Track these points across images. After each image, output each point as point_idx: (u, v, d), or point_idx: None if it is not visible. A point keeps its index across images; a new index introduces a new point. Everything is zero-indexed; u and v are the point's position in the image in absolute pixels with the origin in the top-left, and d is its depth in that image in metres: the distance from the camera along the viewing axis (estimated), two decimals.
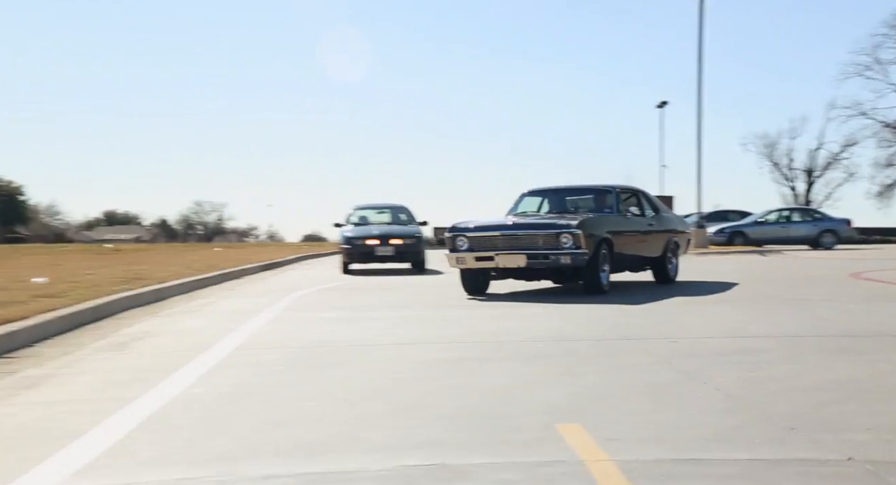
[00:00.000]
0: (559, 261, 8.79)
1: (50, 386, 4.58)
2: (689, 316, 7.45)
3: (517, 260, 8.90)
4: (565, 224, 8.90)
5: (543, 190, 10.91)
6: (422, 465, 2.96)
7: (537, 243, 8.90)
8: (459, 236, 9.24)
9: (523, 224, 9.31)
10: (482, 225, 9.41)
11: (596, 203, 10.44)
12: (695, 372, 4.63)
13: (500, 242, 9.06)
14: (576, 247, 8.73)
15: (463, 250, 9.17)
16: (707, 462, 2.94)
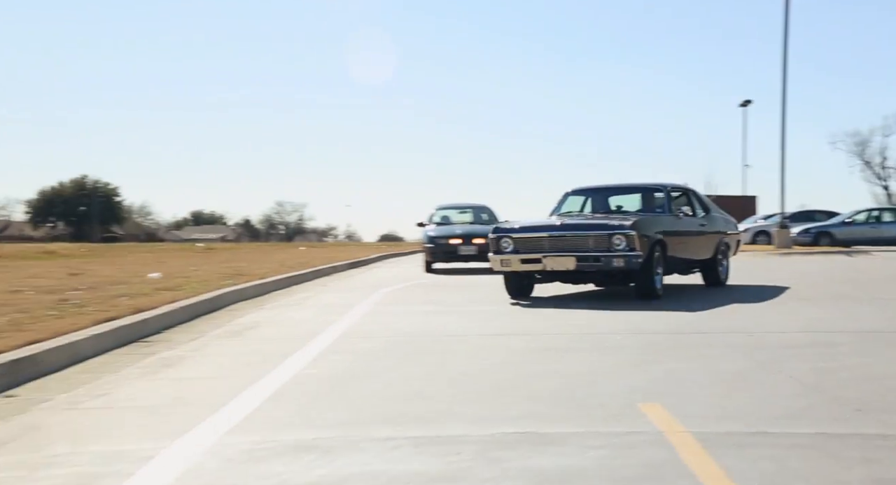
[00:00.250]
0: (611, 263, 8.27)
1: (185, 366, 5.25)
2: (766, 313, 7.65)
3: (566, 262, 8.40)
4: (618, 225, 8.38)
5: (589, 189, 10.44)
6: (517, 432, 3.41)
7: (587, 245, 8.41)
8: (504, 238, 8.81)
9: (572, 225, 8.78)
10: (528, 226, 9.01)
11: (645, 203, 10.03)
12: (769, 362, 4.93)
13: (547, 243, 8.62)
14: (629, 249, 8.22)
15: (508, 252, 8.75)
16: (775, 435, 3.29)
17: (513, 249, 8.77)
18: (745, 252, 22.83)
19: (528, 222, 9.25)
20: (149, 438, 3.43)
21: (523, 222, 9.21)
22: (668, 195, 9.73)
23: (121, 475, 2.93)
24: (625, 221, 8.46)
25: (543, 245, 8.64)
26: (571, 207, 10.23)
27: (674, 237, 9.18)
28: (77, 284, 9.34)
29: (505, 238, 8.83)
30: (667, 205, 9.63)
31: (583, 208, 10.19)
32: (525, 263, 8.66)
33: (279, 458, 3.13)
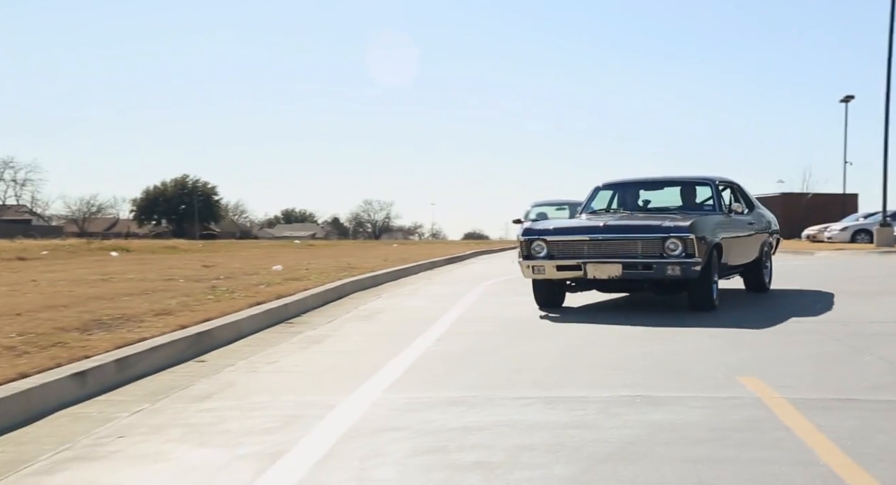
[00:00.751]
0: (664, 272, 7.06)
1: (330, 342, 6.07)
2: (858, 305, 7.92)
3: (611, 270, 7.19)
4: (673, 226, 7.15)
5: (623, 183, 9.16)
6: (630, 396, 4.01)
7: (635, 250, 7.19)
8: (536, 241, 7.55)
9: (618, 226, 7.48)
10: (565, 227, 7.87)
11: (688, 199, 8.63)
12: (861, 346, 5.34)
13: (588, 247, 7.35)
14: (686, 255, 7.00)
15: (541, 257, 7.49)
16: (861, 401, 3.78)
17: (546, 253, 7.50)
18: (843, 250, 22.42)
19: (565, 223, 8.23)
20: (324, 393, 4.22)
21: (559, 223, 8.17)
22: (716, 190, 8.48)
23: (315, 417, 3.70)
24: (681, 222, 7.20)
25: (583, 250, 7.36)
26: (605, 203, 8.95)
27: (728, 240, 7.95)
28: (216, 275, 10.44)
29: (538, 241, 7.55)
30: (717, 201, 8.38)
31: (610, 205, 8.89)
32: (562, 270, 7.42)
33: (433, 409, 3.84)
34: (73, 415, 3.76)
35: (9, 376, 3.79)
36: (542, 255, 7.55)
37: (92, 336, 5.05)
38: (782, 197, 41.03)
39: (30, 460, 3.07)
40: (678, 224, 7.21)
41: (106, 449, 3.24)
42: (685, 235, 7.05)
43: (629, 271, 7.22)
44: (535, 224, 8.16)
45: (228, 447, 3.25)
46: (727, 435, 3.27)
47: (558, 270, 7.47)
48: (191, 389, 4.36)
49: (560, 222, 8.35)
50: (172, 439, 3.38)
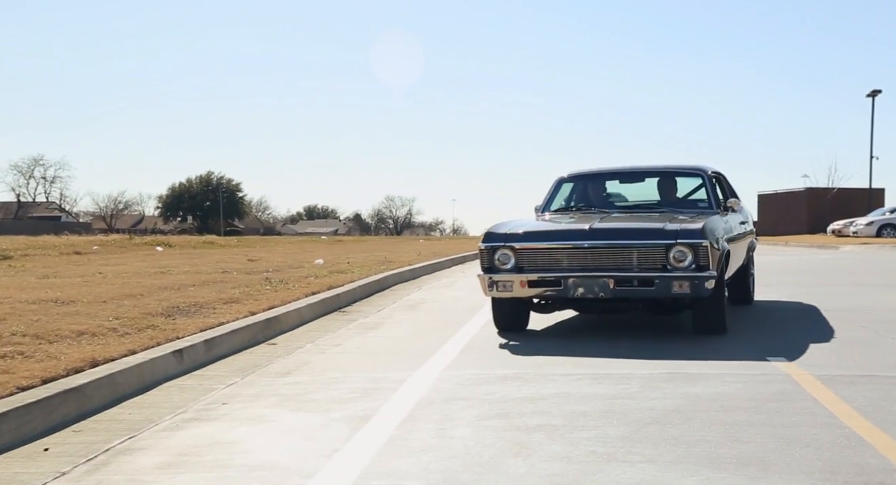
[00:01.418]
0: (669, 288, 5.35)
1: (384, 328, 6.55)
2: (882, 296, 8.26)
3: (598, 286, 5.49)
4: (681, 229, 5.49)
5: (595, 174, 7.36)
6: (670, 373, 4.44)
7: (630, 260, 5.51)
8: (501, 249, 5.79)
9: (610, 230, 5.73)
10: (540, 231, 6.05)
11: (673, 193, 6.99)
12: (885, 331, 5.73)
13: (569, 257, 5.65)
14: (698, 266, 5.37)
15: (507, 270, 5.75)
16: (883, 377, 4.19)
17: (514, 265, 5.75)
18: (868, 244, 22.57)
19: (539, 226, 6.26)
20: (391, 370, 4.69)
21: (530, 225, 6.13)
22: (710, 182, 6.89)
23: (389, 389, 4.17)
24: (690, 224, 5.60)
25: (562, 260, 5.66)
26: (574, 200, 7.13)
27: (731, 245, 6.22)
28: (264, 268, 11.00)
29: (503, 249, 5.78)
30: (711, 197, 6.72)
31: (576, 202, 7.09)
32: (535, 286, 5.67)
33: (492, 384, 4.29)
34: (179, 386, 4.27)
35: (122, 352, 4.31)
36: (508, 266, 5.73)
37: (176, 321, 5.58)
38: (807, 192, 41.00)
39: (156, 421, 3.58)
40: (687, 227, 5.51)
41: (216, 413, 3.73)
42: (697, 241, 5.37)
43: (623, 288, 5.46)
44: (499, 226, 6.00)
45: (321, 412, 3.73)
46: (760, 404, 3.69)
47: (530, 286, 5.65)
48: (271, 366, 4.86)
49: (532, 225, 6.20)
50: (270, 405, 3.87)
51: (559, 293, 5.67)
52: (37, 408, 3.34)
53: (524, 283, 5.69)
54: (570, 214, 6.74)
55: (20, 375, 3.65)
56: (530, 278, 5.68)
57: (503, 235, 5.86)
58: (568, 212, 6.85)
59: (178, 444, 3.22)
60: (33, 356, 4.10)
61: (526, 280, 5.68)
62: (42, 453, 3.09)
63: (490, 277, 5.78)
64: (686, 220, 5.83)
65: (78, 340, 4.62)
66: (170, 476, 2.83)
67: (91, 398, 3.70)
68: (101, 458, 3.05)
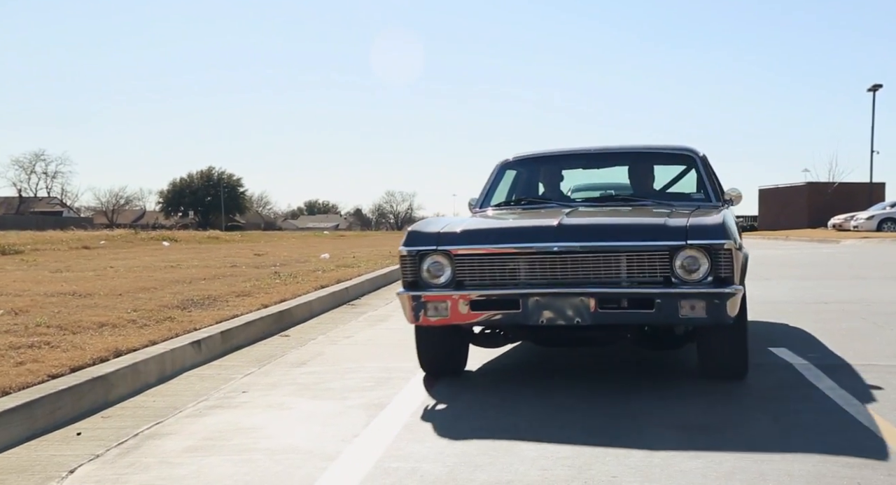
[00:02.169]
0: (676, 311, 3.72)
1: (393, 321, 6.67)
2: (882, 288, 8.39)
3: (573, 308, 3.81)
4: (691, 226, 3.84)
5: (549, 157, 5.50)
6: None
7: (617, 271, 3.83)
8: (433, 255, 4.05)
9: (588, 227, 4.03)
10: (487, 228, 4.29)
11: (650, 182, 5.27)
12: (884, 323, 5.85)
13: (532, 265, 3.91)
14: (717, 279, 3.72)
15: (440, 285, 4.02)
16: (881, 366, 4.31)
17: (451, 277, 4.02)
18: (869, 238, 22.68)
19: (484, 223, 4.47)
20: (403, 361, 4.81)
21: (472, 223, 4.39)
22: (705, 168, 5.15)
23: (402, 379, 4.30)
24: (701, 218, 3.96)
25: (520, 271, 3.93)
26: (519, 191, 5.38)
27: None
28: (271, 262, 11.13)
29: (435, 256, 4.04)
30: (709, 186, 5.04)
31: (521, 192, 5.32)
32: (480, 309, 3.95)
33: (502, 372, 4.42)
34: (199, 375, 4.40)
35: (143, 343, 4.44)
36: (441, 280, 3.98)
37: (192, 313, 5.70)
38: (808, 186, 41.09)
39: (180, 408, 3.71)
40: (700, 221, 3.85)
41: (236, 400, 3.86)
42: (717, 241, 3.70)
43: (608, 311, 3.77)
44: (428, 223, 4.31)
45: (338, 400, 3.86)
46: (764, 392, 3.82)
47: (473, 309, 3.92)
48: (286, 357, 4.99)
49: (473, 221, 4.44)
50: (288, 393, 4.00)
51: (516, 319, 3.81)
52: (67, 395, 3.47)
53: (465, 304, 3.85)
54: (519, 211, 4.92)
55: (49, 363, 3.78)
56: (474, 297, 3.85)
57: (434, 235, 3.99)
58: (514, 207, 5.07)
59: (203, 429, 3.35)
60: (59, 346, 4.24)
61: (468, 300, 3.85)
62: (75, 438, 3.22)
63: (415, 297, 3.91)
64: (693, 213, 4.13)
65: (100, 331, 4.75)
66: (198, 459, 2.96)
67: (116, 386, 3.83)
68: (132, 442, 3.18)
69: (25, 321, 4.99)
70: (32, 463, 2.91)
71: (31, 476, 2.77)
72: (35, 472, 2.82)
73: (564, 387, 4.02)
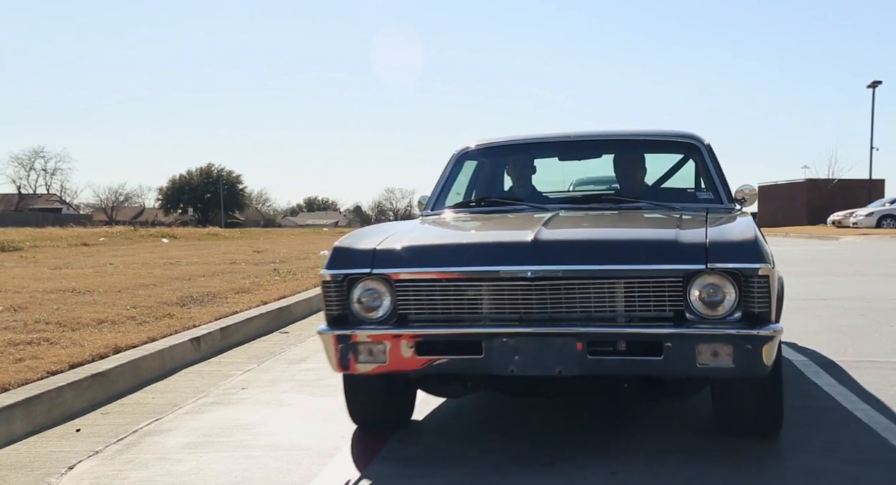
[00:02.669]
0: (693, 359, 2.67)
1: None
2: (881, 285, 8.40)
3: (554, 353, 2.75)
4: (711, 242, 2.78)
5: (519, 145, 4.52)
6: None
7: (612, 302, 2.78)
8: (366, 280, 2.95)
9: (573, 244, 2.96)
10: (438, 245, 3.10)
11: (638, 179, 4.28)
12: (883, 319, 5.86)
13: (499, 296, 2.83)
14: (748, 315, 2.72)
15: (376, 321, 2.95)
16: (881, 362, 4.32)
17: (391, 310, 2.96)
18: (868, 235, 22.70)
19: (433, 235, 3.41)
20: None
21: (418, 234, 3.27)
22: (713, 161, 4.20)
23: None
24: (723, 229, 3.03)
25: (482, 302, 2.88)
26: (474, 189, 4.46)
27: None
28: (271, 259, 11.14)
29: (369, 281, 2.97)
30: (718, 185, 4.06)
31: (490, 192, 4.35)
32: (429, 353, 2.90)
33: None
34: (198, 372, 4.40)
35: (142, 340, 4.44)
36: (379, 314, 2.98)
37: (191, 310, 5.70)
38: (808, 183, 41.10)
39: (179, 404, 3.71)
40: (722, 236, 2.88)
41: (236, 397, 3.86)
42: (750, 265, 2.73)
43: (600, 357, 2.80)
44: (359, 237, 3.25)
45: (337, 397, 3.83)
46: None
47: (421, 353, 2.92)
48: (286, 353, 4.99)
49: (421, 233, 3.35)
50: (287, 390, 4.00)
51: (477, 367, 2.83)
52: (67, 391, 3.47)
53: (410, 346, 2.86)
54: (481, 216, 3.85)
55: (48, 360, 3.78)
56: (421, 338, 2.86)
57: (368, 253, 2.97)
58: (475, 210, 4.01)
59: (202, 426, 3.35)
60: (58, 343, 4.23)
61: (413, 341, 2.86)
62: (74, 434, 3.22)
63: (342, 337, 2.94)
64: (711, 222, 3.11)
65: (99, 328, 4.75)
66: (197, 455, 2.96)
67: (116, 383, 3.83)
68: (131, 438, 3.18)
69: (25, 318, 4.99)
70: (32, 459, 2.91)
71: (31, 472, 2.77)
72: (34, 468, 2.81)
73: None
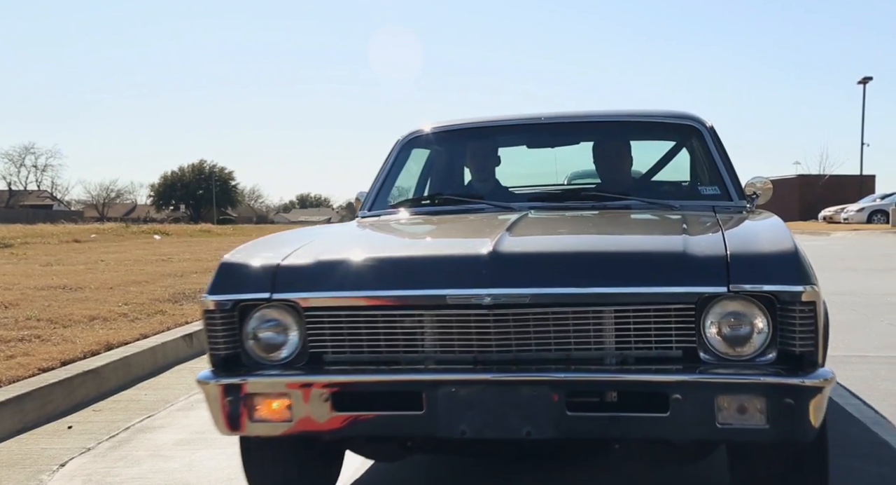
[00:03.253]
0: (709, 418, 1.79)
1: None
2: (873, 281, 8.45)
3: (521, 409, 1.86)
4: (729, 255, 1.88)
5: (477, 129, 3.48)
6: None
7: (599, 338, 1.89)
8: (263, 309, 2.00)
9: (545, 257, 2.01)
10: (364, 260, 2.04)
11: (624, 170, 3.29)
12: (874, 314, 5.89)
13: (442, 327, 1.91)
14: (787, 355, 1.80)
15: (279, 364, 2.00)
16: (871, 357, 4.34)
17: (299, 348, 1.99)
18: (859, 231, 22.82)
19: (359, 247, 2.23)
20: None
21: (335, 247, 2.22)
22: (718, 147, 3.25)
23: None
24: (748, 237, 2.15)
25: (423, 337, 1.93)
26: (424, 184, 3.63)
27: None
28: None
29: (268, 311, 2.01)
30: (725, 177, 3.13)
31: (443, 187, 3.51)
32: (351, 408, 1.93)
33: None
34: (190, 369, 4.39)
35: (134, 336, 4.43)
36: (283, 354, 2.01)
37: (183, 306, 5.68)
38: (799, 179, 41.24)
39: (171, 401, 3.70)
40: (747, 246, 1.97)
41: None
42: (786, 287, 1.85)
43: (582, 414, 1.86)
44: (258, 249, 2.19)
45: None
46: None
47: (339, 407, 1.93)
48: None
49: (342, 243, 2.37)
50: None
51: (416, 427, 1.95)
52: (58, 388, 3.46)
53: (324, 398, 1.95)
54: (431, 216, 3.07)
55: (40, 357, 3.76)
56: (340, 385, 1.97)
57: (267, 270, 2.06)
58: (423, 211, 3.19)
59: (194, 423, 3.34)
60: (50, 340, 4.21)
61: (329, 391, 1.95)
62: (66, 431, 3.20)
63: (231, 387, 2.02)
64: (726, 224, 2.32)
65: (90, 325, 4.73)
66: (190, 452, 2.95)
67: (108, 380, 3.82)
68: (123, 435, 3.17)
69: (16, 315, 4.97)
70: (23, 457, 2.89)
71: (23, 470, 2.76)
72: (26, 465, 2.80)
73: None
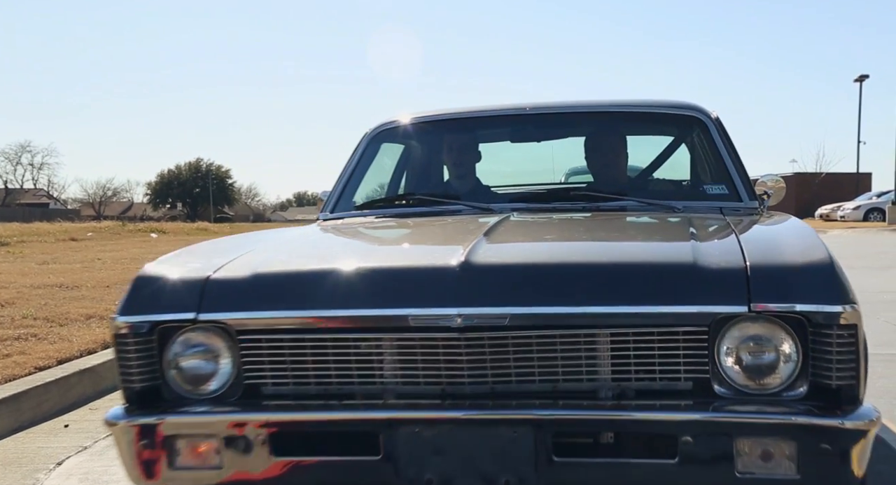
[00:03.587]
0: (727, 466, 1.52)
1: None
2: (869, 278, 8.47)
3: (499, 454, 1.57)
4: (750, 267, 1.60)
5: (456, 121, 3.07)
6: None
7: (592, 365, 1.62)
8: (190, 331, 1.70)
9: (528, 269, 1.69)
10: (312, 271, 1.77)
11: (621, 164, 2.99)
12: (870, 312, 5.82)
13: (405, 354, 1.63)
14: (823, 392, 1.59)
15: (207, 399, 1.70)
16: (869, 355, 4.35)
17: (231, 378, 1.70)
18: (856, 228, 22.88)
19: (307, 256, 2.01)
20: None
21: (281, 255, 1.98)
22: (724, 140, 2.94)
23: None
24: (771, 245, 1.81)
25: (382, 366, 1.65)
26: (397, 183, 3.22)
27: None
28: None
29: (194, 334, 1.70)
30: (734, 173, 2.83)
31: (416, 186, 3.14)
32: (293, 454, 1.61)
33: None
34: None
35: None
36: (214, 387, 1.71)
37: None
38: (795, 177, 41.31)
39: None
40: (772, 257, 1.68)
41: None
42: (822, 307, 1.59)
43: (571, 460, 1.58)
44: (187, 259, 1.90)
45: None
46: None
47: (279, 452, 1.61)
48: None
49: (289, 250, 2.11)
50: None
51: (375, 474, 1.62)
52: (54, 387, 3.45)
53: (262, 440, 1.61)
54: (398, 219, 2.72)
55: (36, 356, 3.76)
56: (280, 424, 1.64)
57: (193, 285, 1.73)
58: (391, 211, 2.85)
59: None
60: (46, 338, 4.21)
61: (267, 431, 1.61)
62: (62, 430, 3.20)
63: (147, 428, 1.68)
64: (742, 228, 2.05)
65: (87, 323, 4.72)
66: None
67: (105, 378, 3.81)
68: None
69: (12, 313, 4.96)
70: (20, 455, 2.89)
71: (19, 468, 2.75)
72: (22, 464, 2.80)
73: None
